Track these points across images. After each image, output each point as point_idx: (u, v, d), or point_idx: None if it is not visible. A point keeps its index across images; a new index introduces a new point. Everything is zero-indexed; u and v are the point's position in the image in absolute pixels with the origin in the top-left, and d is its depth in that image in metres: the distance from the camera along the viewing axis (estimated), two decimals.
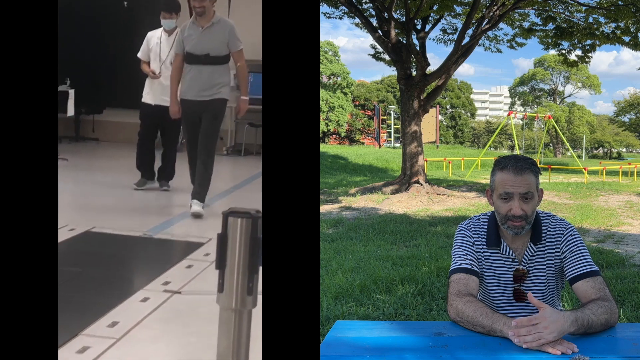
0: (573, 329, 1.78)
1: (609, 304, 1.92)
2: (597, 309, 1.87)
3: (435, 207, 10.26)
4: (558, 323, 1.74)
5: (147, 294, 3.85)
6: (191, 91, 5.95)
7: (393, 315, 4.05)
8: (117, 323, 3.38)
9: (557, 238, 2.15)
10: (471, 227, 2.20)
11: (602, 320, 1.85)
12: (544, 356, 1.69)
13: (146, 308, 3.62)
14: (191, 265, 4.44)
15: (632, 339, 1.86)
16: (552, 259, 2.15)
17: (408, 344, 1.82)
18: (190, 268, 4.37)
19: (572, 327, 1.78)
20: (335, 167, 19.54)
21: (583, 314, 1.83)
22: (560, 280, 2.22)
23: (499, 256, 2.17)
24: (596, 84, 53.64)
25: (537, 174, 2.11)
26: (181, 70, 6.05)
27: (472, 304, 1.91)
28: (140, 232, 5.24)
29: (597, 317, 1.84)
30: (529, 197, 2.07)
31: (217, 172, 6.30)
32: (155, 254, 4.77)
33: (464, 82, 54.41)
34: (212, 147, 6.04)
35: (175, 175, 7.21)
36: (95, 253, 4.69)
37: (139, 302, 3.72)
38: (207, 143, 5.99)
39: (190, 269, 4.34)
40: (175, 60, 6.06)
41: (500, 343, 1.78)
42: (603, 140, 55.87)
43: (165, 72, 6.87)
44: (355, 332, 1.93)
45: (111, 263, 4.45)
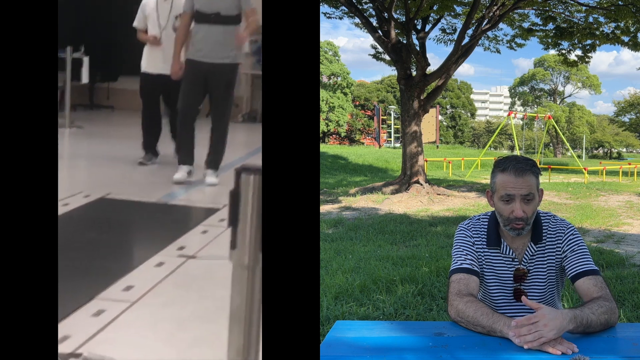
0: (572, 327, 1.78)
1: (609, 304, 1.91)
2: (597, 309, 1.87)
3: (435, 207, 10.26)
4: (557, 320, 1.75)
5: (162, 258, 3.86)
6: (199, 52, 5.62)
7: (393, 315, 4.05)
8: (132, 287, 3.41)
9: (558, 238, 2.15)
10: (471, 227, 2.20)
11: (601, 320, 1.85)
12: (544, 356, 1.68)
13: (161, 273, 3.64)
14: (206, 230, 4.44)
15: (632, 339, 1.86)
16: (553, 258, 2.15)
17: (408, 344, 1.82)
18: (205, 233, 4.37)
19: (571, 325, 1.78)
20: (335, 167, 19.54)
21: (582, 312, 1.83)
22: (560, 280, 2.22)
23: (499, 256, 2.17)
24: (596, 84, 53.66)
25: (537, 175, 2.11)
26: (188, 29, 5.73)
27: (473, 304, 1.91)
28: (155, 198, 5.24)
29: (596, 317, 1.84)
30: (530, 198, 2.07)
31: (232, 140, 6.26)
32: (170, 219, 4.79)
33: (464, 82, 54.47)
34: (227, 117, 5.78)
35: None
36: (110, 219, 4.71)
37: (153, 267, 3.73)
38: (223, 113, 5.73)
39: (206, 235, 4.34)
40: (183, 18, 5.74)
41: (500, 343, 1.78)
42: (603, 140, 55.90)
43: (166, 39, 6.49)
44: (355, 332, 1.93)
45: (126, 229, 4.47)
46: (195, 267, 3.76)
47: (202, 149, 6.06)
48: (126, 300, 3.28)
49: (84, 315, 3.09)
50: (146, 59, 6.73)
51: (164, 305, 3.24)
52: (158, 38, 6.56)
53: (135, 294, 3.33)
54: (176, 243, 4.13)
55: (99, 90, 11.34)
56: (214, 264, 3.80)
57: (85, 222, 4.54)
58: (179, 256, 3.91)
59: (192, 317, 3.12)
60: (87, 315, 3.09)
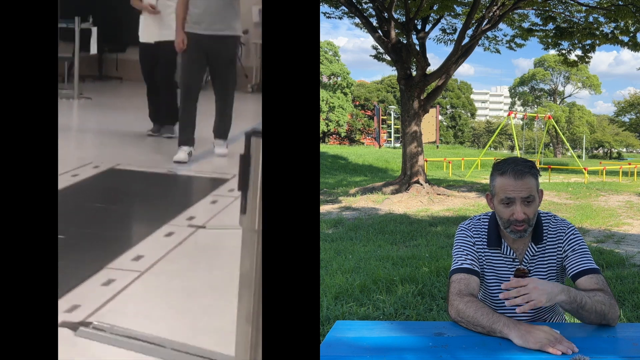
0: (564, 298, 1.82)
1: (608, 297, 1.93)
2: (593, 295, 1.90)
3: (435, 207, 10.25)
4: (547, 285, 1.80)
5: (171, 228, 3.88)
6: (198, 25, 5.43)
7: (393, 315, 4.05)
8: (141, 257, 3.43)
9: (559, 238, 2.15)
10: (472, 227, 2.21)
11: (597, 308, 1.87)
12: (544, 356, 1.69)
13: (171, 242, 3.65)
14: (216, 200, 4.45)
15: (632, 339, 1.86)
16: (553, 258, 2.15)
17: (408, 344, 1.82)
18: (214, 203, 4.38)
19: (562, 295, 1.82)
20: (335, 167, 19.54)
21: (578, 291, 1.87)
22: (560, 280, 2.22)
23: (500, 256, 2.17)
24: (596, 84, 53.66)
25: (536, 176, 2.11)
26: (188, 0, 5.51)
27: (473, 304, 1.91)
28: (165, 169, 5.24)
29: (592, 302, 1.87)
30: (531, 200, 2.07)
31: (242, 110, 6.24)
32: (179, 190, 4.81)
33: (464, 82, 54.48)
34: (231, 89, 5.68)
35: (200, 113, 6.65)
36: (119, 189, 4.73)
37: (163, 236, 3.74)
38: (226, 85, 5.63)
39: (215, 205, 4.35)
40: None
41: (500, 343, 1.78)
42: (603, 140, 55.90)
43: (163, 6, 6.35)
44: (355, 332, 1.93)
45: (135, 199, 4.49)
46: (204, 237, 3.76)
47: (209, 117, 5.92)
48: (136, 269, 3.30)
49: (94, 284, 3.11)
50: (142, 29, 6.60)
51: (174, 274, 3.25)
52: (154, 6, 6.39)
53: (144, 264, 3.35)
54: (186, 213, 4.15)
55: (108, 61, 11.24)
56: (223, 233, 3.81)
57: (94, 193, 4.56)
58: (189, 226, 3.93)
59: (201, 287, 3.12)
60: (97, 284, 3.11)
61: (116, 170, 5.17)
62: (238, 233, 1.67)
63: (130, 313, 2.88)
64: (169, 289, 3.09)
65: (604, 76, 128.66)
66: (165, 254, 3.48)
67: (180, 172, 5.21)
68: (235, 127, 5.98)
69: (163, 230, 3.84)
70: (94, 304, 2.92)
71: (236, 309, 1.61)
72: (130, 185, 4.83)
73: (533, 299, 1.76)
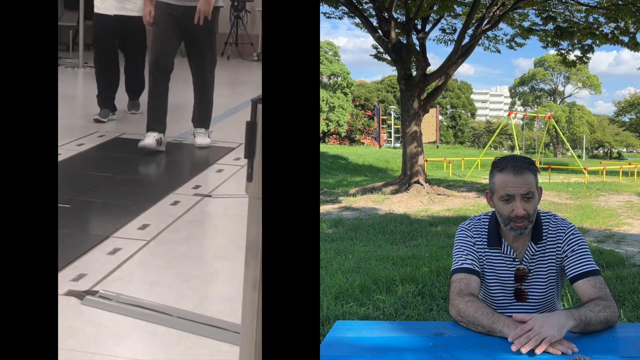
0: (572, 324, 1.77)
1: (607, 302, 1.92)
2: (594, 307, 1.87)
3: (435, 207, 10.25)
4: (552, 318, 1.75)
5: (177, 197, 3.91)
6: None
7: (393, 315, 4.05)
8: (147, 225, 3.46)
9: (558, 237, 2.15)
10: (472, 227, 2.21)
11: (601, 318, 1.85)
12: (544, 356, 1.68)
13: (177, 211, 3.67)
14: (221, 169, 4.46)
15: (632, 339, 1.86)
16: (553, 258, 2.15)
17: (408, 344, 1.82)
18: (220, 172, 4.39)
19: (570, 322, 1.77)
20: (335, 167, 19.54)
21: (579, 310, 1.84)
22: (560, 279, 2.22)
23: (500, 256, 2.17)
24: (596, 84, 53.64)
25: (535, 173, 2.12)
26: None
27: (473, 304, 1.91)
28: (171, 137, 5.22)
29: (595, 314, 1.84)
30: (530, 196, 2.08)
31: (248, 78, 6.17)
32: (185, 158, 4.81)
33: (464, 82, 54.42)
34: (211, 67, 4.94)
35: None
36: (124, 158, 4.75)
37: (169, 205, 3.75)
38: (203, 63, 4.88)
39: (221, 173, 4.36)
40: None
41: (500, 343, 1.78)
42: (603, 140, 55.87)
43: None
44: (356, 332, 1.93)
45: (141, 168, 4.49)
46: (210, 205, 3.76)
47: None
48: (142, 238, 3.30)
49: (100, 253, 3.13)
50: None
51: (180, 243, 3.27)
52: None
53: (151, 233, 3.36)
54: (192, 182, 4.15)
55: None
56: (229, 202, 3.81)
57: (100, 162, 4.57)
58: (195, 194, 3.93)
59: (208, 255, 3.14)
60: (103, 253, 3.13)
61: (121, 140, 5.17)
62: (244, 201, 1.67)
63: (136, 281, 2.90)
64: (175, 257, 3.11)
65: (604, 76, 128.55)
66: (171, 223, 3.49)
67: (186, 140, 5.17)
68: (240, 95, 5.85)
69: (169, 199, 3.85)
70: (100, 273, 2.94)
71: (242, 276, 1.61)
72: (135, 154, 4.82)
73: (546, 336, 1.69)
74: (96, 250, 3.14)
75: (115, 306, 2.71)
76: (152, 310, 2.68)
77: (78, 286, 2.84)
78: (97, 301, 2.75)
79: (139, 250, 3.17)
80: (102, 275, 2.93)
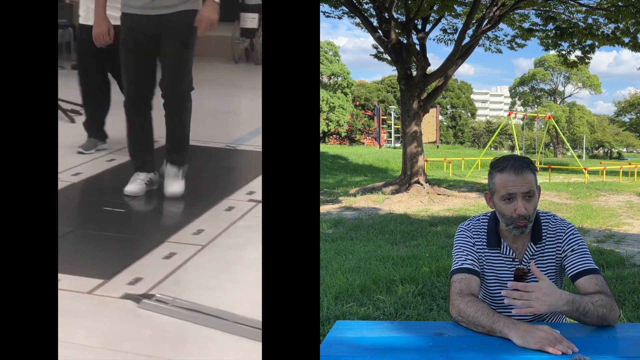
0: (566, 309, 1.84)
1: (609, 299, 1.94)
2: (596, 300, 1.91)
3: (435, 207, 10.25)
4: (552, 297, 1.81)
5: (231, 203, 3.92)
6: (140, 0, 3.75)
7: (393, 315, 4.05)
8: (202, 231, 3.46)
9: (558, 237, 2.15)
10: (471, 228, 2.21)
11: (599, 312, 1.88)
12: (544, 356, 1.69)
13: (231, 216, 3.69)
14: None
15: (632, 339, 1.86)
16: (553, 258, 2.16)
17: (408, 344, 1.82)
18: None
19: (565, 307, 1.84)
20: (335, 167, 19.55)
21: (582, 299, 1.88)
22: (560, 279, 2.22)
23: (500, 256, 2.18)
24: (596, 84, 53.65)
25: (534, 172, 2.13)
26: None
27: (474, 304, 1.92)
28: (224, 143, 5.21)
29: (594, 307, 1.88)
30: (531, 195, 2.08)
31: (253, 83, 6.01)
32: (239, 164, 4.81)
33: (464, 82, 54.47)
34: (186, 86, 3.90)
35: None
36: None
37: (223, 210, 3.76)
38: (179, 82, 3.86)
39: None
40: None
41: (501, 343, 1.78)
42: (603, 140, 55.88)
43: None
44: (356, 332, 1.93)
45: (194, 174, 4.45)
46: None
47: None
48: (197, 243, 3.34)
49: (155, 258, 3.15)
50: (83, 9, 4.94)
51: (235, 248, 3.29)
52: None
53: (205, 238, 3.38)
54: (245, 188, 4.15)
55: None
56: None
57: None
58: (249, 201, 3.94)
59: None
60: (158, 257, 3.14)
61: None
62: None
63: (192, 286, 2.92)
64: (230, 262, 3.12)
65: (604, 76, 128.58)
66: (226, 228, 3.52)
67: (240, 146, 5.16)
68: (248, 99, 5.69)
69: (223, 204, 3.87)
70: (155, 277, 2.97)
71: None
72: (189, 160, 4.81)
73: (532, 307, 1.79)
74: (151, 256, 3.18)
75: (171, 310, 2.73)
76: (208, 315, 2.70)
77: (134, 290, 2.87)
78: (154, 305, 2.77)
79: (195, 255, 3.20)
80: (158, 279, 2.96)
